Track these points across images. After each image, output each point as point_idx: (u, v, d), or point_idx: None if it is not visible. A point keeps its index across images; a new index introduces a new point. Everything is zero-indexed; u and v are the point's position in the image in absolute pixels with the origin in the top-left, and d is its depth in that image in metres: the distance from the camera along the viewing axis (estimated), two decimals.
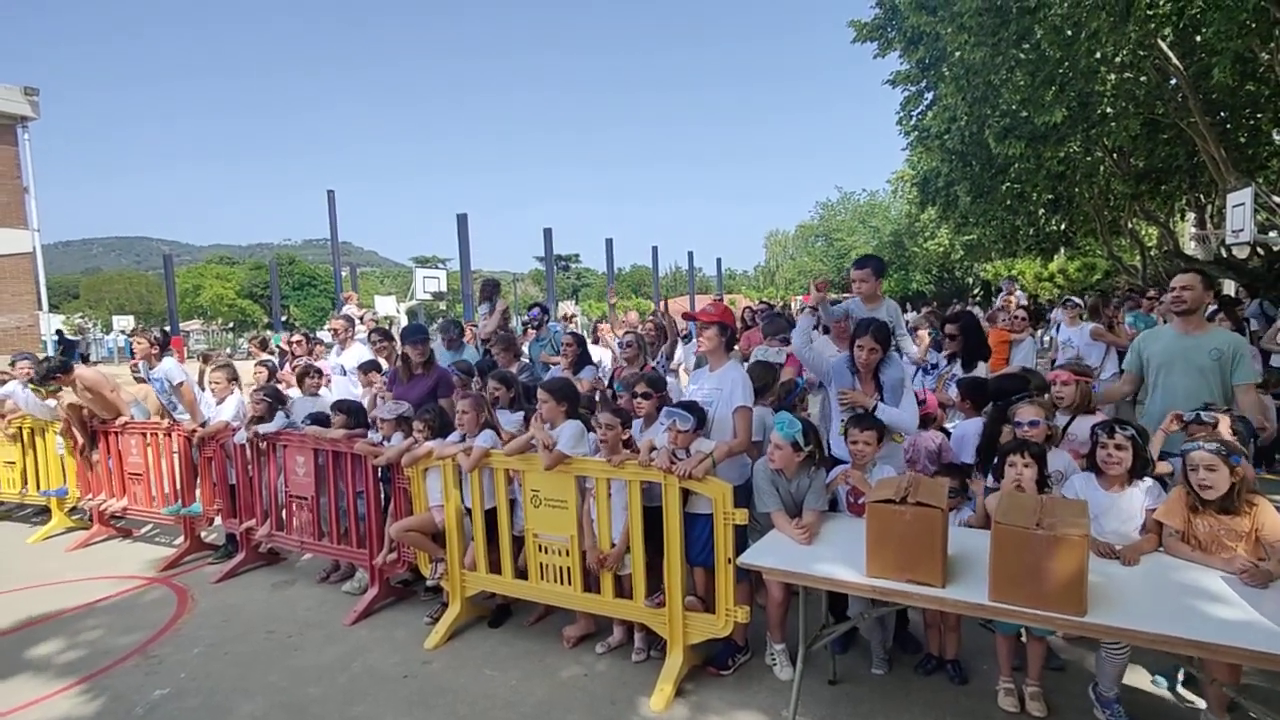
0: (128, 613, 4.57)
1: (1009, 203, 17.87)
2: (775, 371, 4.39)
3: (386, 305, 20.31)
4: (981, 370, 4.81)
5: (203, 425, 5.25)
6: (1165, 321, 4.68)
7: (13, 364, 6.36)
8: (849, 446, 3.31)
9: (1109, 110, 12.85)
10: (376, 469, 4.34)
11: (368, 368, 5.53)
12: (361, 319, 8.15)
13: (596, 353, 5.91)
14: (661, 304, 6.98)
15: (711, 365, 3.71)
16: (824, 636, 3.12)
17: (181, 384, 5.50)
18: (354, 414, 4.66)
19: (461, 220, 16.26)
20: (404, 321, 17.30)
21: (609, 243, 27.34)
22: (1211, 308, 5.89)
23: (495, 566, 3.99)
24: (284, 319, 41.46)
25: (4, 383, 6.45)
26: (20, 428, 6.43)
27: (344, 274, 26.19)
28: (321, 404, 5.20)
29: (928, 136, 17.26)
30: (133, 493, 5.75)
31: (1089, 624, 2.21)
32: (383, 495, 4.46)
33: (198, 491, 5.40)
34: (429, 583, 4.21)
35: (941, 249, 37.71)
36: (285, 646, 4.01)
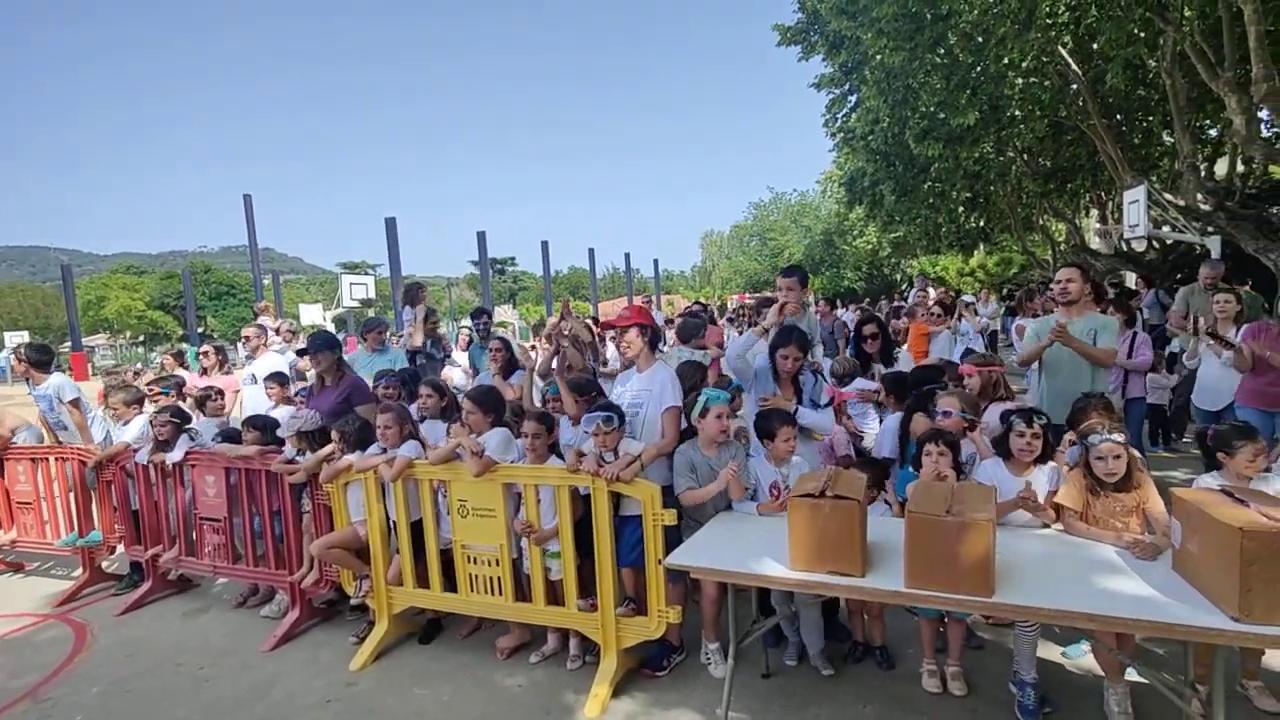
0: (17, 653, 4.20)
1: (931, 201, 18.65)
2: (705, 370, 4.40)
3: (312, 314, 19.53)
4: (902, 363, 4.99)
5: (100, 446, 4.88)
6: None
7: None
8: (775, 444, 3.35)
9: (1018, 113, 13.59)
10: (294, 486, 4.13)
11: (276, 379, 5.24)
12: (278, 330, 7.75)
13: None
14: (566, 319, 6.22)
15: (639, 367, 3.69)
16: (754, 632, 3.15)
17: (75, 400, 5.10)
18: (267, 429, 4.43)
19: (390, 224, 15.77)
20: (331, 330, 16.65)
21: (544, 245, 27.09)
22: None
23: (423, 580, 3.86)
24: (200, 330, 39.29)
25: None
26: None
27: (266, 282, 25.04)
28: (230, 420, 4.91)
29: (853, 138, 17.80)
30: (22, 523, 5.28)
31: (996, 604, 2.30)
32: (301, 512, 4.24)
33: (96, 518, 5.02)
34: (354, 601, 4.03)
35: (870, 246, 39.04)
36: (196, 679, 3.76)
